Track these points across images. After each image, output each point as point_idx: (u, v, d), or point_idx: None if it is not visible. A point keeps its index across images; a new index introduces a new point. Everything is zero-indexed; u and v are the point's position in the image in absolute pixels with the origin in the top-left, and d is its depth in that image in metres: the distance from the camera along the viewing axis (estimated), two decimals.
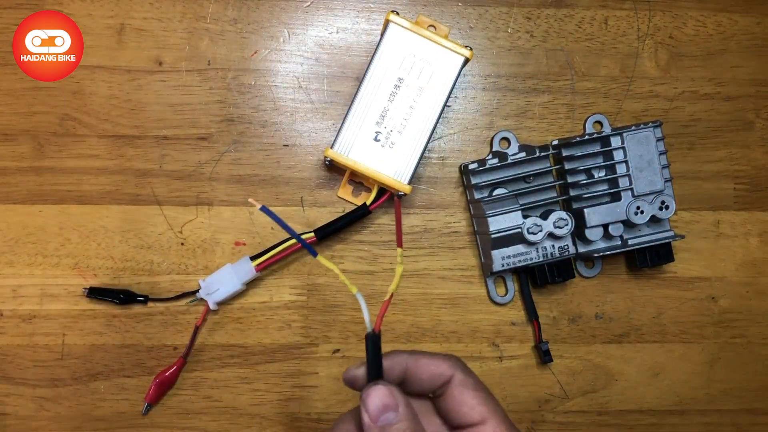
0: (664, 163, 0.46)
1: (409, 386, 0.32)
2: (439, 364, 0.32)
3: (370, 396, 0.29)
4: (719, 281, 0.51)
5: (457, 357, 0.33)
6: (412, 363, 0.32)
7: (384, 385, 0.29)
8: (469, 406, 0.31)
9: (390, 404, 0.29)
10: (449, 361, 0.32)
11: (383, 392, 0.29)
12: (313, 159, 0.48)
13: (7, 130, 0.47)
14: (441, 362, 0.32)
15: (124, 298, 0.46)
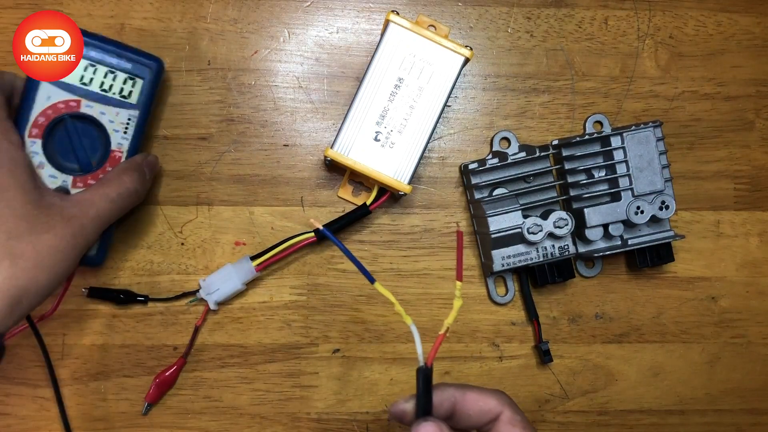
0: (664, 163, 0.46)
1: (456, 422, 0.32)
2: (487, 401, 0.32)
3: (420, 430, 0.29)
4: (719, 281, 0.51)
5: (504, 393, 0.33)
6: (460, 398, 0.32)
7: (434, 422, 0.29)
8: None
9: None
10: (498, 397, 0.32)
11: (434, 429, 0.29)
12: (313, 159, 0.48)
13: None
14: (490, 398, 0.32)
15: (124, 298, 0.46)
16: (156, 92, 0.44)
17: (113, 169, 0.41)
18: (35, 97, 0.41)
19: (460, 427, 0.33)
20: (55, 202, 0.36)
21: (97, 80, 0.42)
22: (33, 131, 0.41)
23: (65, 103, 0.42)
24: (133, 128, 0.43)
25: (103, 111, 0.42)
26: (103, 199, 0.39)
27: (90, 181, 0.42)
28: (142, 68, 0.43)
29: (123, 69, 0.42)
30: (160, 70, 0.44)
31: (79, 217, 0.37)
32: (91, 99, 0.42)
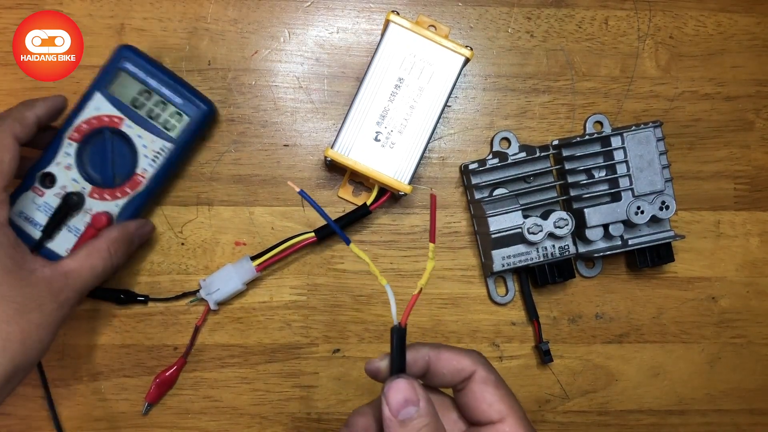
0: (664, 163, 0.46)
1: (430, 380, 0.33)
2: (461, 359, 0.32)
3: (392, 389, 0.29)
4: (719, 281, 0.51)
5: (479, 353, 0.33)
6: (435, 357, 0.32)
7: (406, 380, 0.29)
8: (488, 404, 0.31)
9: (411, 399, 0.29)
10: (472, 356, 0.32)
11: (405, 386, 0.29)
12: (314, 159, 0.48)
13: None
14: (463, 357, 0.32)
15: (124, 298, 0.46)
16: (198, 134, 0.45)
17: (104, 234, 0.41)
18: (86, 104, 0.43)
19: (434, 385, 0.33)
20: (43, 275, 0.37)
21: (148, 106, 0.44)
22: (73, 134, 0.43)
23: (110, 118, 0.43)
24: (162, 159, 0.44)
25: (140, 135, 0.44)
26: (90, 273, 0.39)
27: (106, 196, 0.43)
28: (191, 107, 0.44)
29: (174, 103, 0.44)
30: (210, 114, 0.45)
31: (66, 290, 0.38)
32: (134, 121, 0.44)
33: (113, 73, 0.43)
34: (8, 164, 0.37)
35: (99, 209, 0.43)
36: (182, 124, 0.44)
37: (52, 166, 0.43)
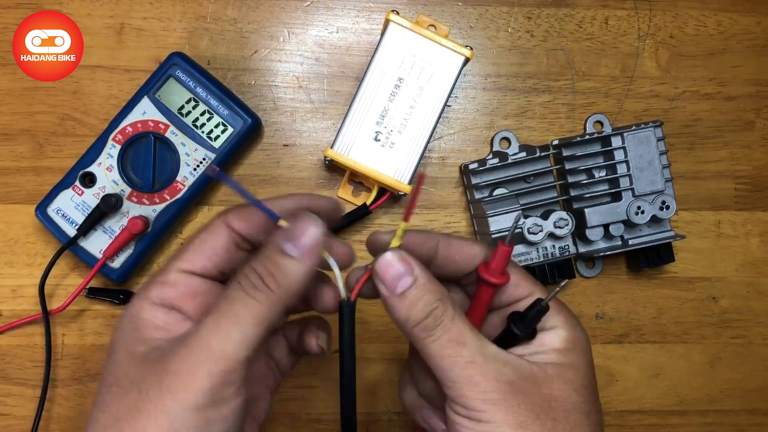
0: (664, 163, 0.46)
1: (440, 267, 0.31)
2: (473, 246, 0.31)
3: (381, 266, 0.27)
4: (720, 281, 0.50)
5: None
6: (445, 243, 0.31)
7: (393, 252, 0.28)
8: (514, 284, 0.30)
9: (405, 270, 0.27)
10: (484, 245, 0.31)
11: (394, 258, 0.27)
12: (313, 159, 0.48)
13: (7, 129, 0.47)
14: (476, 245, 0.31)
15: (124, 298, 0.46)
16: (241, 146, 0.45)
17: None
18: (134, 107, 0.44)
19: (445, 274, 0.31)
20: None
21: (194, 115, 0.44)
22: (117, 137, 0.44)
23: (155, 123, 0.44)
24: (204, 169, 0.45)
25: (184, 142, 0.44)
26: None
27: (144, 200, 0.44)
28: (237, 119, 0.45)
29: (220, 114, 0.44)
30: (254, 127, 0.45)
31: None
32: (179, 128, 0.44)
33: (163, 79, 0.44)
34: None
35: (136, 213, 0.44)
36: (226, 135, 0.45)
37: (93, 166, 0.44)
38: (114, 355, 0.27)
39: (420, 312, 0.27)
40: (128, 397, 0.25)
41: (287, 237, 0.26)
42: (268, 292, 0.26)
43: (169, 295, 0.28)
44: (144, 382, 0.25)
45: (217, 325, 0.25)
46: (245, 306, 0.25)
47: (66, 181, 0.44)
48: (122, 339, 0.27)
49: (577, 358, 0.29)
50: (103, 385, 0.26)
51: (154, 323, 0.27)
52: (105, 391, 0.26)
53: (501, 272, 0.30)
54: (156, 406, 0.24)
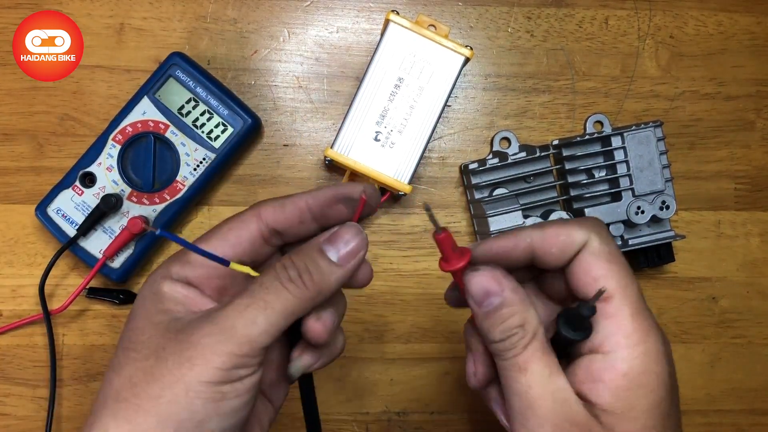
0: (664, 162, 0.46)
1: (541, 264, 0.29)
2: (571, 231, 0.28)
3: (471, 283, 0.27)
4: (720, 281, 0.50)
5: (598, 220, 0.29)
6: (539, 237, 0.28)
7: (484, 270, 0.27)
8: (594, 278, 0.27)
9: (493, 290, 0.27)
10: (585, 226, 0.28)
11: (483, 277, 0.27)
12: (313, 159, 0.48)
13: (6, 129, 0.47)
14: (574, 229, 0.28)
15: (124, 298, 0.46)
16: (241, 146, 0.45)
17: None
18: (134, 107, 0.44)
19: (550, 269, 0.29)
20: None
21: (194, 115, 0.44)
22: (117, 137, 0.44)
23: (155, 123, 0.44)
24: (203, 169, 0.45)
25: (184, 142, 0.44)
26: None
27: (144, 200, 0.44)
28: (236, 119, 0.45)
29: (220, 114, 0.44)
30: (254, 127, 0.45)
31: None
32: (179, 128, 0.44)
33: (163, 79, 0.44)
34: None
35: (136, 213, 0.44)
36: (226, 135, 0.45)
37: (93, 166, 0.44)
38: (133, 321, 0.27)
39: (499, 334, 0.27)
40: (146, 362, 0.25)
41: (330, 241, 0.27)
42: (302, 287, 0.26)
43: (189, 273, 0.29)
44: (164, 350, 0.25)
45: (246, 308, 0.25)
46: (277, 296, 0.26)
47: (66, 181, 0.44)
48: (142, 308, 0.28)
49: (640, 398, 0.26)
50: (120, 349, 0.27)
51: (174, 297, 0.28)
52: (122, 354, 0.26)
53: (447, 260, 0.28)
54: (173, 375, 0.25)
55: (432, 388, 0.48)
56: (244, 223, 0.29)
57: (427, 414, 0.48)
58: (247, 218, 0.29)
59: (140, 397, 0.25)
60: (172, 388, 0.24)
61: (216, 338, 0.25)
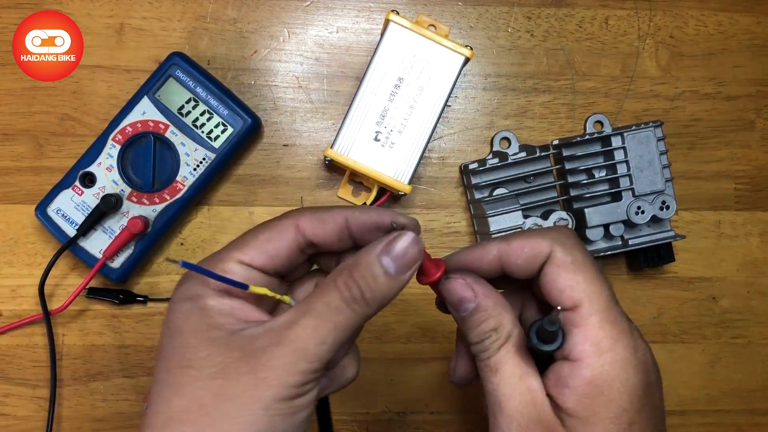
0: (664, 162, 0.46)
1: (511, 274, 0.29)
2: (534, 243, 0.28)
3: (446, 291, 0.29)
4: (720, 281, 0.50)
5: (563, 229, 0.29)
6: (504, 249, 0.29)
7: (456, 278, 0.29)
8: (559, 290, 0.27)
9: (466, 296, 0.28)
10: (548, 236, 0.28)
11: (455, 285, 0.28)
12: (313, 159, 0.48)
13: (6, 129, 0.47)
14: (537, 239, 0.28)
15: (124, 298, 0.46)
16: (240, 146, 0.45)
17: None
18: (133, 107, 0.44)
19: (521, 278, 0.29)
20: None
21: (193, 114, 0.44)
22: (117, 137, 0.44)
23: (155, 123, 0.44)
24: (203, 169, 0.45)
25: (184, 142, 0.44)
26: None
27: (144, 200, 0.44)
28: (236, 119, 0.45)
29: (220, 114, 0.44)
30: (254, 127, 0.45)
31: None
32: (179, 128, 0.44)
33: (163, 79, 0.44)
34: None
35: (136, 213, 0.44)
36: (226, 135, 0.45)
37: (93, 166, 0.44)
38: (181, 337, 0.26)
39: (475, 337, 0.28)
40: (212, 381, 0.25)
41: (387, 251, 0.27)
42: (365, 306, 0.26)
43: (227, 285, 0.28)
44: (232, 370, 0.25)
45: (315, 330, 0.26)
46: (344, 316, 0.26)
47: (66, 181, 0.44)
48: (188, 323, 0.27)
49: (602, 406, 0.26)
50: (174, 367, 0.26)
51: (221, 309, 0.27)
52: (178, 373, 0.26)
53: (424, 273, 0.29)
54: (249, 395, 0.25)
55: (432, 388, 0.48)
56: (282, 234, 0.29)
57: (427, 414, 0.48)
58: (285, 228, 0.29)
59: (212, 417, 0.25)
60: (249, 408, 0.25)
61: (289, 359, 0.25)
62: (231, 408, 0.25)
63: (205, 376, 0.25)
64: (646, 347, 0.27)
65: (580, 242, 0.29)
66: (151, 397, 0.26)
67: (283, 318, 0.26)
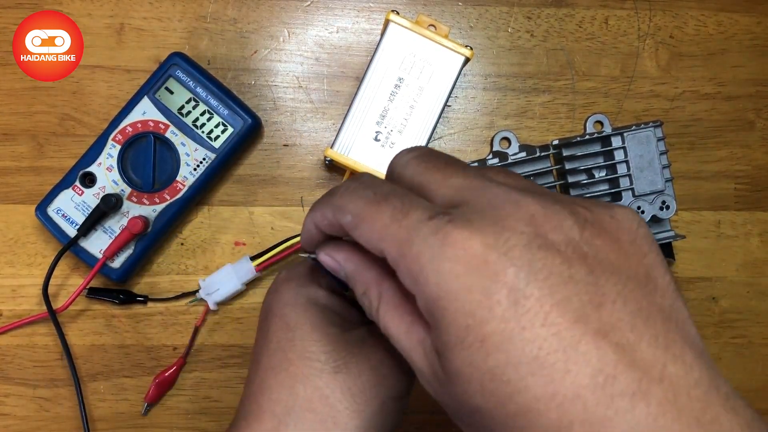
0: (664, 162, 0.46)
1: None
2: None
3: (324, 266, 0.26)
4: (720, 281, 0.50)
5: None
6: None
7: (319, 251, 0.26)
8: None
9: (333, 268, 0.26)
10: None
11: (321, 259, 0.26)
12: (313, 159, 0.48)
13: (6, 129, 0.47)
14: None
15: (124, 298, 0.46)
16: (241, 146, 0.45)
17: None
18: (133, 107, 0.44)
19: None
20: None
21: (194, 115, 0.44)
22: (117, 137, 0.44)
23: (155, 123, 0.44)
24: (203, 169, 0.45)
25: (184, 142, 0.44)
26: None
27: (144, 200, 0.44)
28: (237, 119, 0.45)
29: (220, 114, 0.44)
30: (254, 127, 0.45)
31: None
32: (179, 128, 0.44)
33: (163, 79, 0.44)
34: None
35: (136, 213, 0.44)
36: (226, 135, 0.45)
37: (93, 166, 0.44)
38: (301, 331, 0.28)
39: (360, 303, 0.26)
40: (334, 375, 0.27)
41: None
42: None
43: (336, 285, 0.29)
44: (353, 366, 0.27)
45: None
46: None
47: (66, 181, 0.44)
48: (308, 319, 0.28)
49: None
50: (298, 358, 0.27)
51: (333, 308, 0.29)
52: (302, 364, 0.27)
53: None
54: (371, 392, 0.27)
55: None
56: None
57: (427, 414, 0.48)
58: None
59: (336, 409, 0.26)
60: (371, 404, 0.26)
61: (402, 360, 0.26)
62: (354, 402, 0.26)
63: (330, 370, 0.27)
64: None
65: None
66: (266, 385, 0.27)
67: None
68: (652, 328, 0.18)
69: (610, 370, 0.17)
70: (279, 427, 0.26)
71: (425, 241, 0.19)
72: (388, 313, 0.24)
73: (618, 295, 0.18)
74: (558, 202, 0.20)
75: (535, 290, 0.18)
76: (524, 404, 0.17)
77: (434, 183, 0.22)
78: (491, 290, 0.18)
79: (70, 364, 0.45)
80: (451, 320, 0.19)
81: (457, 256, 0.18)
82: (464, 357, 0.18)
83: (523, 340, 0.17)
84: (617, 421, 0.17)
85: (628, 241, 0.20)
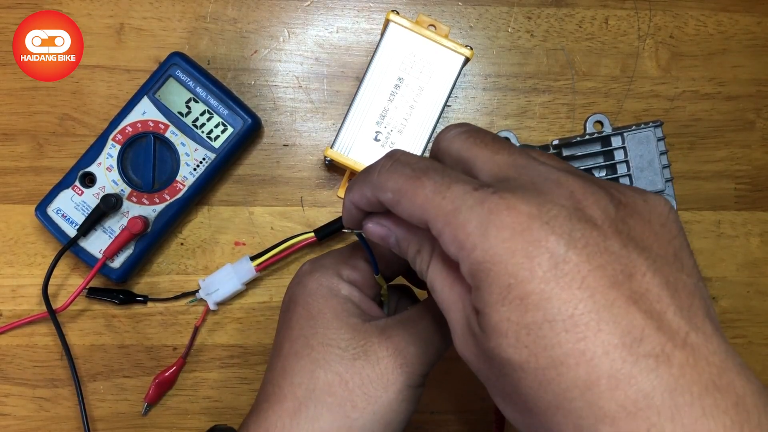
0: (664, 162, 0.46)
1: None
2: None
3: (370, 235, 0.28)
4: (720, 281, 0.50)
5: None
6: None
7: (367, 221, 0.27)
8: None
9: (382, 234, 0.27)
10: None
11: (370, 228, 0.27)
12: (313, 159, 0.48)
13: (6, 129, 0.47)
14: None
15: (124, 298, 0.46)
16: (240, 146, 0.45)
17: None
18: (133, 107, 0.44)
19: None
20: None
21: (193, 114, 0.44)
22: (117, 136, 0.44)
23: (155, 123, 0.44)
24: (203, 169, 0.45)
25: (184, 142, 0.44)
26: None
27: (144, 200, 0.44)
28: (236, 119, 0.45)
29: (220, 114, 0.44)
30: (254, 127, 0.45)
31: None
32: (179, 128, 0.44)
33: (163, 79, 0.44)
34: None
35: (136, 213, 0.44)
36: (226, 135, 0.45)
37: (93, 166, 0.44)
38: (322, 319, 0.29)
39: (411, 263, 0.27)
40: (354, 362, 0.28)
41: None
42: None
43: (356, 278, 0.31)
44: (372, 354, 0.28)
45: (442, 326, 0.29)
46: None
47: (66, 181, 0.44)
48: (329, 307, 0.30)
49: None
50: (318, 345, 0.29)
51: (352, 299, 0.30)
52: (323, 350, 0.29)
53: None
54: (388, 378, 0.28)
55: (432, 388, 0.48)
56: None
57: (427, 414, 0.48)
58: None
59: (355, 394, 0.28)
60: (388, 390, 0.28)
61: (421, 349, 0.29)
62: (371, 388, 0.28)
63: (350, 356, 0.28)
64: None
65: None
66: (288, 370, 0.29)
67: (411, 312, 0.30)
68: (678, 300, 0.20)
69: (638, 333, 0.19)
70: (300, 408, 0.28)
71: (472, 210, 0.21)
72: (437, 268, 0.25)
73: (648, 268, 0.20)
74: (596, 184, 0.22)
75: (573, 256, 0.19)
76: (556, 358, 0.19)
77: (481, 157, 0.24)
78: (533, 254, 0.19)
79: (70, 364, 0.45)
80: (494, 280, 0.20)
81: (503, 223, 0.20)
82: (503, 312, 0.20)
83: (561, 299, 0.19)
84: (641, 379, 0.18)
85: (658, 223, 0.22)
